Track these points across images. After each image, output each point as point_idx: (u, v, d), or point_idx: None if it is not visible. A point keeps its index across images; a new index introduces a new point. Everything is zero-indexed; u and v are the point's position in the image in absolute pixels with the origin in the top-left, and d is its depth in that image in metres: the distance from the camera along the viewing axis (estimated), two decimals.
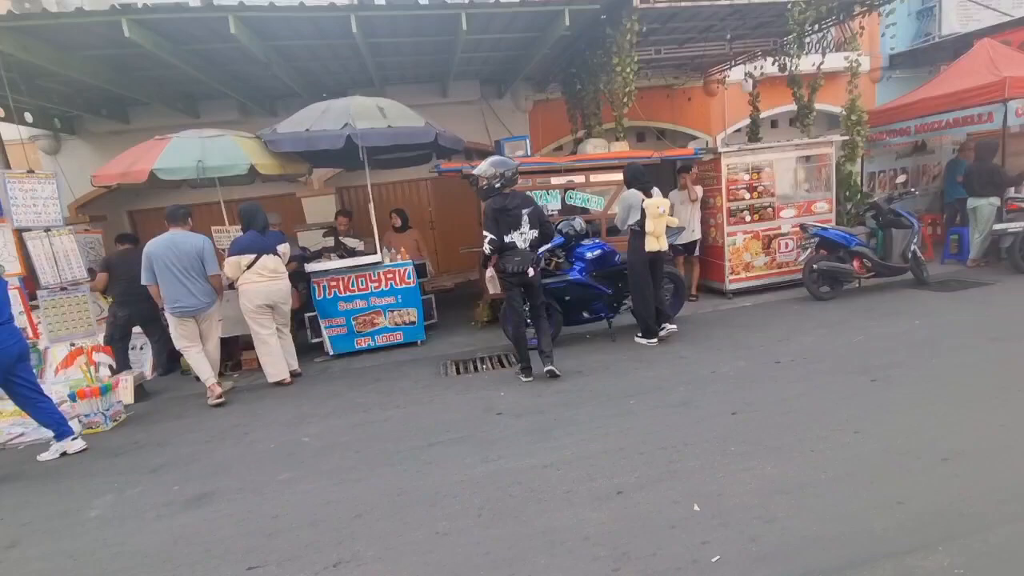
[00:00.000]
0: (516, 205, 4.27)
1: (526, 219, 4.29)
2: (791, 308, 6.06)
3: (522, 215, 4.28)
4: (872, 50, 11.18)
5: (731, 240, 6.70)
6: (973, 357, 3.99)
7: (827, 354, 4.40)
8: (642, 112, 10.76)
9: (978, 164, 6.95)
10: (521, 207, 4.28)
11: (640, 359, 4.81)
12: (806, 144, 6.80)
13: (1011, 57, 7.57)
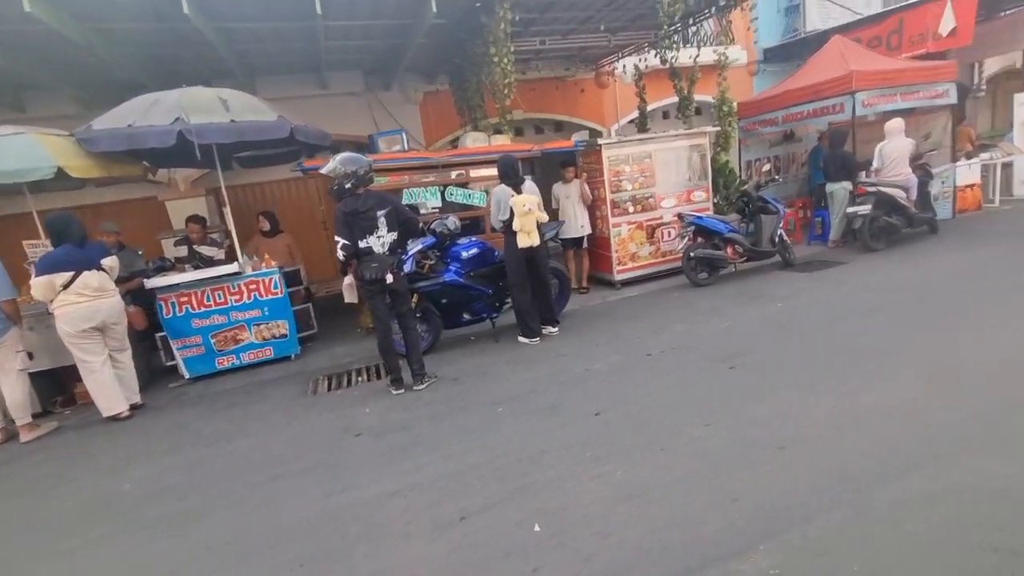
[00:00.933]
0: (370, 206, 3.91)
1: (383, 221, 3.95)
2: (672, 296, 6.21)
3: (378, 217, 3.94)
4: (748, 44, 11.86)
5: (616, 231, 6.76)
6: (822, 338, 4.20)
7: (696, 343, 4.48)
8: (537, 104, 10.75)
9: (832, 151, 7.51)
10: (376, 208, 3.93)
11: (520, 360, 4.66)
12: (681, 135, 6.98)
13: (859, 53, 8.25)
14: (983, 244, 6.48)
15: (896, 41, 9.60)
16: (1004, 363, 3.30)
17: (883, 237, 6.85)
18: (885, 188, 6.73)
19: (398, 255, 4.09)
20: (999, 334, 3.76)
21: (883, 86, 7.45)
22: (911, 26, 9.36)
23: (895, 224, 6.80)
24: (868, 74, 7.33)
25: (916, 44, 9.21)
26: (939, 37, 8.92)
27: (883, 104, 7.55)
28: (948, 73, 7.94)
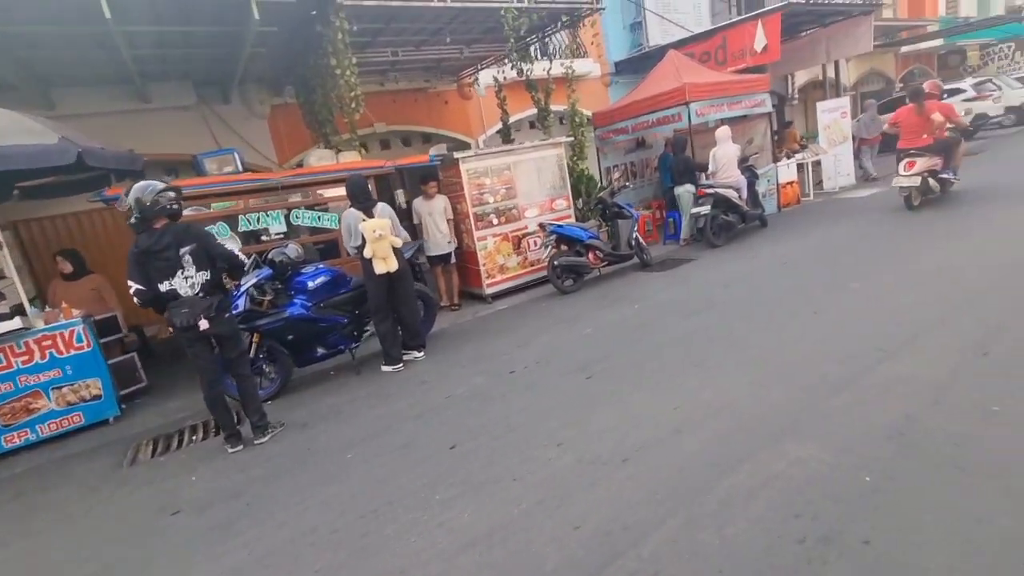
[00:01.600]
0: (167, 244, 3.33)
1: (188, 259, 3.39)
2: (540, 306, 6.25)
3: (181, 256, 3.37)
4: (600, 58, 12.57)
5: (482, 244, 6.68)
6: (670, 336, 4.41)
7: (558, 354, 4.48)
8: (400, 117, 10.43)
9: (675, 156, 8.13)
10: (177, 245, 3.36)
11: (380, 393, 4.34)
12: (538, 146, 7.11)
13: (691, 67, 9.07)
14: (800, 234, 7.37)
15: (722, 56, 10.72)
16: (816, 348, 3.65)
17: (723, 233, 7.53)
18: (721, 189, 7.41)
19: (218, 296, 3.55)
20: (810, 320, 4.19)
21: (712, 97, 8.24)
22: (733, 43, 10.51)
23: (731, 221, 7.52)
24: (698, 86, 8.06)
25: (738, 59, 10.36)
26: (755, 53, 10.10)
27: (713, 113, 8.36)
28: (763, 85, 9.01)
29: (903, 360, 3.22)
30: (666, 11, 12.74)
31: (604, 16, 12.53)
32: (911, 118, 7.34)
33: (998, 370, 2.90)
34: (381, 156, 9.98)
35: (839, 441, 2.54)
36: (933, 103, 7.37)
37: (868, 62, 18.86)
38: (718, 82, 8.42)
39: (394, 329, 4.78)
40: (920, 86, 7.69)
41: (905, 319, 3.78)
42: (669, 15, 12.75)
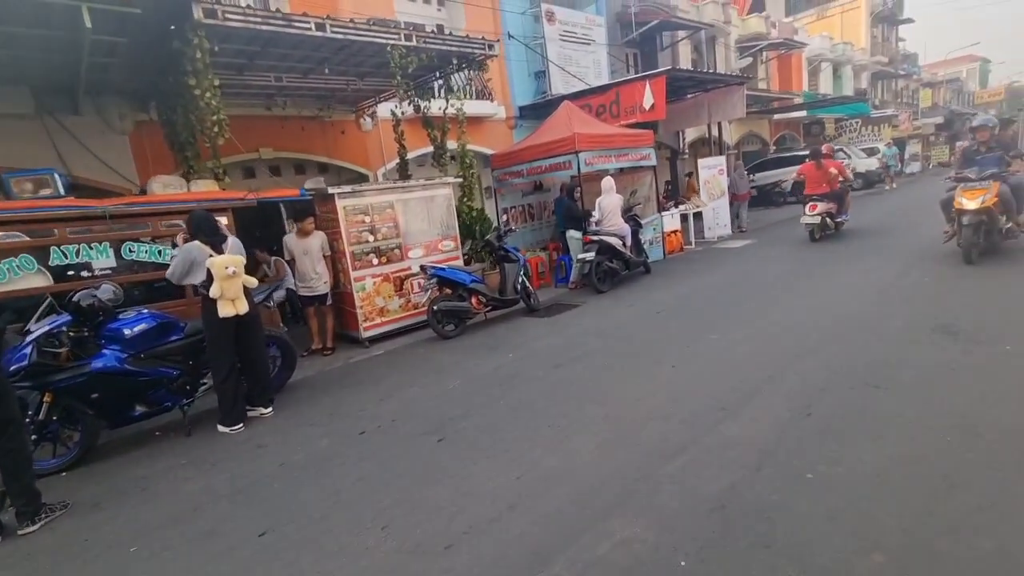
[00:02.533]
0: None
1: None
2: (417, 352, 5.94)
3: None
4: (506, 101, 12.86)
5: (360, 285, 6.29)
6: (533, 391, 4.27)
7: (417, 410, 4.18)
8: (292, 144, 9.86)
9: (566, 202, 8.31)
10: None
11: (203, 461, 3.76)
12: (424, 185, 6.93)
13: (582, 118, 9.46)
14: (678, 282, 7.75)
15: (616, 110, 11.36)
16: (666, 404, 3.66)
17: (608, 279, 7.73)
18: (605, 237, 7.63)
19: None
20: (669, 373, 4.26)
21: (600, 148, 8.60)
22: (625, 99, 11.18)
23: (615, 268, 7.74)
24: (587, 137, 8.38)
25: (629, 114, 11.01)
26: (644, 110, 10.79)
27: (602, 163, 8.71)
28: (647, 140, 9.59)
29: (740, 419, 3.28)
30: (567, 63, 13.39)
31: (510, 62, 12.97)
32: (813, 172, 9.29)
33: (817, 432, 3.02)
34: (270, 184, 9.33)
35: (665, 517, 2.45)
36: (829, 161, 9.55)
37: (747, 125, 21.08)
38: (605, 134, 8.83)
39: (237, 383, 4.23)
40: (819, 148, 10.02)
41: (751, 373, 3.93)
42: (570, 67, 13.41)
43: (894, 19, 31.90)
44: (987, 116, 6.79)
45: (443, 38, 7.09)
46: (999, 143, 6.36)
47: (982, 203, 5.80)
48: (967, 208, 5.89)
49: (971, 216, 5.90)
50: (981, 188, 5.89)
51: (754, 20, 20.78)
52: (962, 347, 3.92)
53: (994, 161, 6.10)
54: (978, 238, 6.00)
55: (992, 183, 5.90)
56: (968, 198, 5.91)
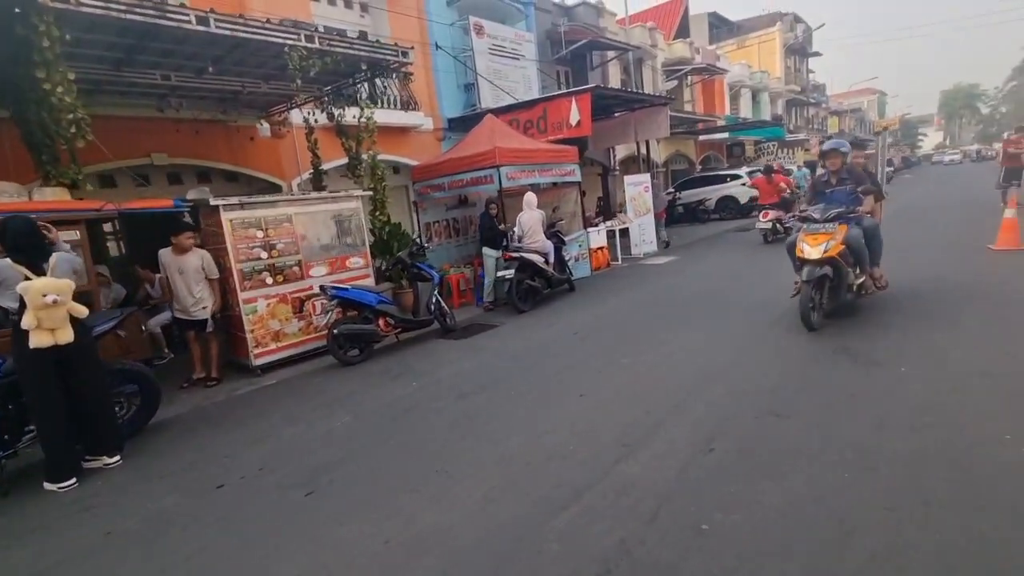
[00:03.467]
0: None
1: None
2: (313, 382, 5.36)
3: None
4: (434, 112, 12.50)
5: (250, 307, 5.64)
6: (428, 428, 3.85)
7: (291, 456, 3.64)
8: (191, 150, 8.97)
9: (485, 219, 8.01)
10: None
11: (7, 532, 3.04)
12: (326, 198, 6.40)
13: (505, 132, 9.24)
14: (600, 300, 7.60)
15: (543, 125, 11.27)
16: (567, 441, 3.35)
17: (529, 298, 7.46)
18: (526, 254, 7.37)
19: None
20: (575, 403, 3.97)
21: (522, 163, 8.39)
22: (552, 115, 11.11)
23: (536, 286, 7.49)
24: (508, 151, 8.14)
25: (557, 130, 10.94)
26: (571, 126, 10.75)
27: (524, 178, 8.50)
28: (571, 156, 9.51)
29: (641, 457, 3.02)
30: (496, 77, 13.25)
31: (438, 73, 12.65)
32: (765, 185, 11.28)
33: (718, 470, 2.80)
34: (169, 192, 8.41)
35: None
36: (779, 176, 11.35)
37: (675, 145, 21.89)
38: (528, 149, 8.64)
39: (65, 430, 3.52)
40: (771, 164, 12.42)
41: (658, 401, 3.71)
42: (499, 81, 13.27)
43: (804, 52, 34.57)
44: (839, 140, 5.48)
45: (350, 41, 6.63)
46: (851, 173, 5.09)
47: (825, 251, 4.56)
48: (807, 257, 4.65)
49: (811, 268, 4.62)
50: (825, 232, 4.69)
51: (679, 45, 21.72)
52: (862, 368, 3.91)
53: (844, 197, 4.97)
54: (821, 296, 4.83)
55: (838, 226, 4.71)
56: (810, 244, 4.68)
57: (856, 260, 4.97)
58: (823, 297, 4.86)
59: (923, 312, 5.01)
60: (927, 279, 6.14)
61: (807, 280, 4.61)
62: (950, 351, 4.00)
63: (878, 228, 5.17)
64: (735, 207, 17.65)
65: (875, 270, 5.16)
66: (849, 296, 5.04)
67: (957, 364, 3.75)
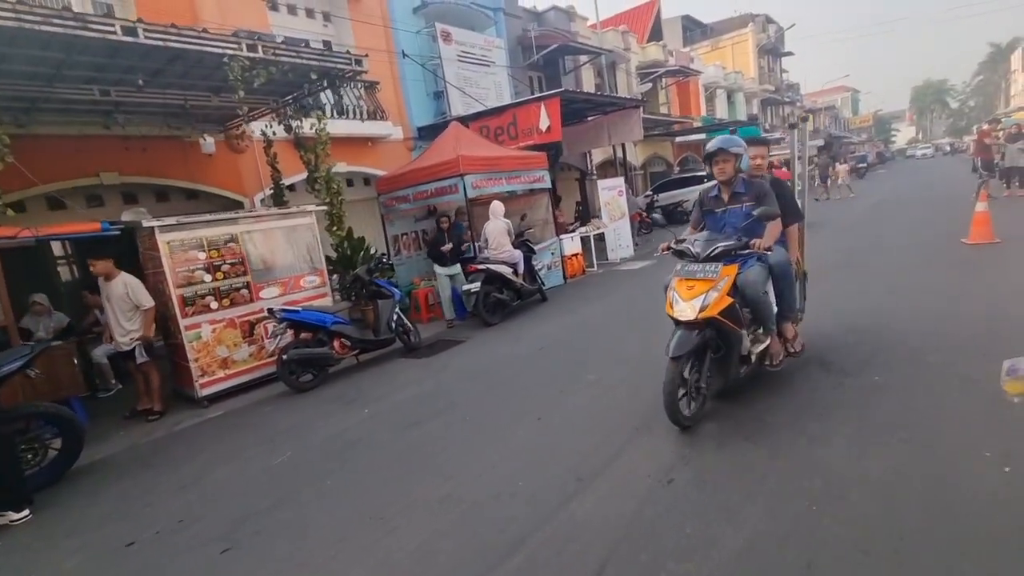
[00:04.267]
0: None
1: None
2: (258, 413, 5.01)
3: None
4: (403, 121, 12.23)
5: (193, 334, 5.28)
6: (370, 465, 3.53)
7: (216, 504, 3.30)
8: (145, 167, 8.57)
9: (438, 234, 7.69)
10: None
11: None
12: (276, 215, 6.08)
13: (471, 139, 8.99)
14: (572, 310, 7.32)
15: (514, 132, 11.04)
16: (519, 473, 3.07)
17: (498, 311, 7.18)
18: (493, 265, 7.10)
19: None
20: (531, 429, 3.69)
21: (488, 171, 8.13)
22: (522, 121, 10.89)
23: (504, 299, 7.21)
24: (473, 159, 7.88)
25: (527, 136, 10.72)
26: (541, 132, 10.54)
27: (491, 187, 8.24)
28: (540, 162, 9.28)
29: (595, 492, 2.74)
30: (466, 85, 13.02)
31: (406, 81, 12.39)
32: None
33: (675, 506, 2.53)
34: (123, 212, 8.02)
35: None
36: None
37: (652, 147, 21.85)
38: (493, 156, 8.40)
39: None
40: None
41: (619, 424, 3.44)
42: (470, 89, 13.05)
43: (777, 52, 34.98)
44: (729, 137, 3.56)
45: (297, 50, 6.33)
46: (749, 186, 3.47)
47: (702, 309, 3.02)
48: (678, 316, 3.13)
49: (683, 334, 3.09)
50: (704, 279, 3.13)
51: (653, 48, 21.74)
52: (834, 378, 3.68)
53: (740, 220, 3.42)
54: (698, 374, 3.22)
55: (723, 269, 3.12)
56: (683, 296, 3.13)
57: (755, 316, 3.40)
58: (702, 376, 3.21)
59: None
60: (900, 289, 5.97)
61: (675, 355, 3.01)
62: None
63: (790, 267, 3.57)
64: None
65: (787, 328, 3.61)
66: (743, 371, 3.40)
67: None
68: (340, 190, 7.07)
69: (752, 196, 3.45)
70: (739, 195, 3.51)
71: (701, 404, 3.32)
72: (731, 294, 3.13)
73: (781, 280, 3.50)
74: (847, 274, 6.66)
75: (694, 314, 3.03)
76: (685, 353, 3.05)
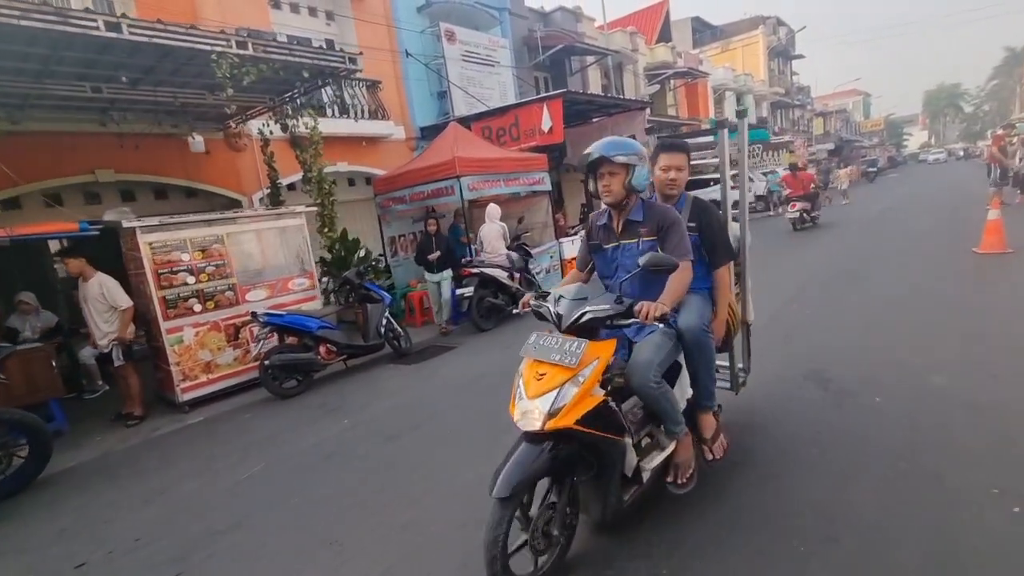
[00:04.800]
0: None
1: None
2: (237, 420, 4.87)
3: None
4: (405, 121, 12.11)
5: (175, 338, 5.16)
6: (340, 483, 3.35)
7: (177, 520, 3.14)
8: (141, 164, 8.49)
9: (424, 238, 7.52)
10: None
11: None
12: (263, 215, 5.95)
13: (469, 140, 8.83)
14: None
15: (516, 133, 10.88)
16: (479, 505, 2.88)
17: (493, 316, 7.01)
18: (487, 269, 6.93)
19: None
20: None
21: (485, 172, 7.96)
22: (524, 122, 10.73)
23: (499, 304, 7.04)
24: (469, 160, 7.71)
25: (529, 137, 10.55)
26: (543, 133, 10.37)
27: (488, 188, 8.07)
28: (539, 164, 9.10)
29: None
30: (470, 85, 12.88)
31: (409, 81, 12.27)
32: (792, 180, 13.04)
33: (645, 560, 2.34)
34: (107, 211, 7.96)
35: None
36: (803, 173, 13.11)
37: None
38: (491, 158, 8.22)
39: None
40: (796, 163, 14.12)
41: None
42: (474, 89, 12.91)
43: (788, 54, 34.54)
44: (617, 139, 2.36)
45: (289, 48, 6.18)
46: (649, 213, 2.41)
47: (550, 416, 1.95)
48: (518, 424, 2.08)
49: (526, 449, 2.04)
50: (560, 364, 2.02)
51: (661, 49, 21.49)
52: (832, 397, 3.47)
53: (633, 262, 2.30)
54: (548, 518, 2.13)
55: (585, 348, 2.02)
56: (529, 389, 2.08)
57: (650, 414, 2.36)
58: (556, 516, 2.13)
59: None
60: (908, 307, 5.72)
61: (501, 495, 1.95)
62: None
63: (706, 335, 2.42)
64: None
65: (704, 421, 2.57)
66: (628, 498, 2.26)
67: None
68: (332, 190, 6.94)
69: (652, 227, 2.35)
70: (634, 225, 2.39)
71: (555, 556, 2.16)
72: (610, 383, 2.11)
73: (695, 354, 2.40)
74: (848, 284, 6.43)
75: (540, 422, 1.93)
76: (517, 491, 1.94)
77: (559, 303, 2.21)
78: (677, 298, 2.26)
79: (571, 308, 2.15)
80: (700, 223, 2.62)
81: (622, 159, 2.29)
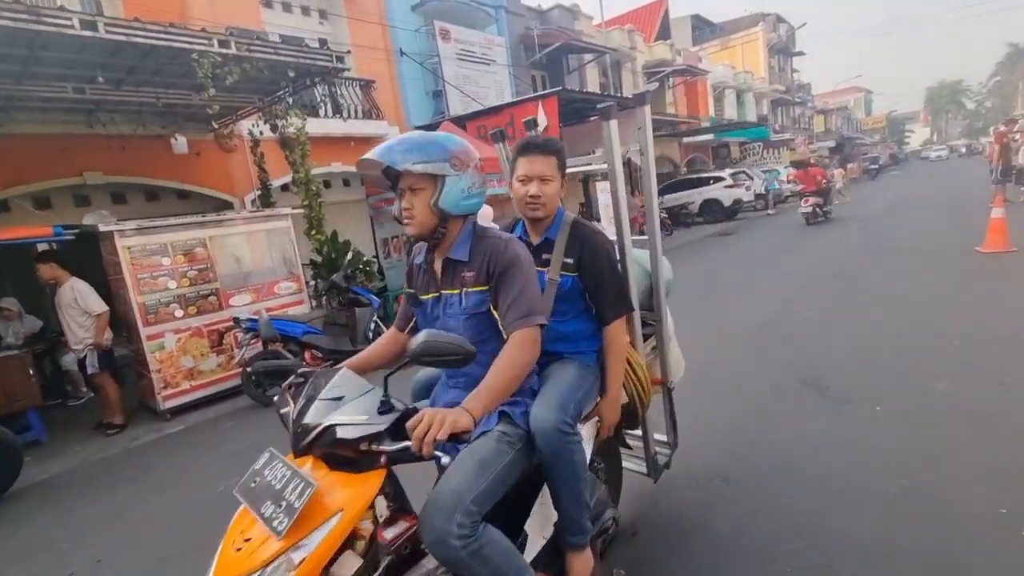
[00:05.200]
0: None
1: None
2: (218, 429, 4.74)
3: None
4: (399, 121, 11.99)
5: (156, 344, 5.03)
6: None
7: (143, 540, 3.00)
8: (129, 167, 8.37)
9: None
10: None
11: None
12: (248, 218, 5.82)
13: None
14: None
15: (512, 132, 10.72)
16: None
17: None
18: None
19: None
20: None
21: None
22: (520, 120, 10.60)
23: None
24: None
25: (524, 136, 10.41)
26: (539, 132, 10.23)
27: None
28: None
29: None
30: (465, 84, 12.76)
31: (404, 80, 12.14)
32: (804, 176, 13.45)
33: None
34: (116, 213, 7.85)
35: None
36: (813, 169, 13.53)
37: (658, 148, 21.37)
38: (484, 158, 8.06)
39: None
40: (807, 160, 15.93)
41: None
42: (469, 88, 12.78)
43: (788, 51, 34.31)
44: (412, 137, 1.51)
45: (273, 46, 6.06)
46: (480, 247, 1.54)
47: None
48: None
49: None
50: (268, 528, 1.15)
51: (660, 47, 21.31)
52: (830, 405, 3.32)
53: (459, 322, 1.55)
54: None
55: (311, 493, 1.13)
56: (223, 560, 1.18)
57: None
58: None
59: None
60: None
61: None
62: None
63: (569, 439, 1.54)
64: (719, 210, 17.20)
65: (575, 564, 1.64)
66: None
67: None
68: (320, 192, 6.80)
69: (482, 272, 1.52)
70: (457, 267, 1.57)
71: None
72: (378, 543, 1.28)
73: (552, 467, 1.55)
74: (849, 284, 6.27)
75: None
76: None
77: (309, 404, 1.35)
78: (501, 396, 1.38)
79: (319, 412, 1.31)
80: (580, 257, 1.81)
81: (420, 167, 1.43)
